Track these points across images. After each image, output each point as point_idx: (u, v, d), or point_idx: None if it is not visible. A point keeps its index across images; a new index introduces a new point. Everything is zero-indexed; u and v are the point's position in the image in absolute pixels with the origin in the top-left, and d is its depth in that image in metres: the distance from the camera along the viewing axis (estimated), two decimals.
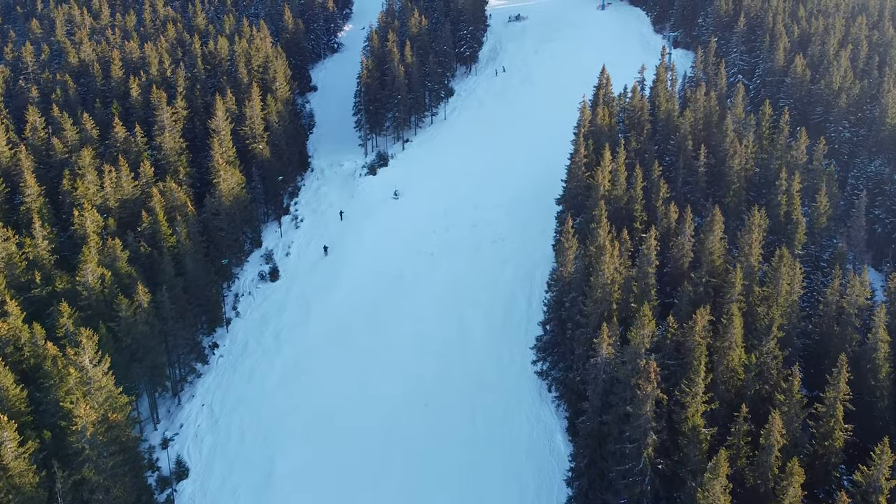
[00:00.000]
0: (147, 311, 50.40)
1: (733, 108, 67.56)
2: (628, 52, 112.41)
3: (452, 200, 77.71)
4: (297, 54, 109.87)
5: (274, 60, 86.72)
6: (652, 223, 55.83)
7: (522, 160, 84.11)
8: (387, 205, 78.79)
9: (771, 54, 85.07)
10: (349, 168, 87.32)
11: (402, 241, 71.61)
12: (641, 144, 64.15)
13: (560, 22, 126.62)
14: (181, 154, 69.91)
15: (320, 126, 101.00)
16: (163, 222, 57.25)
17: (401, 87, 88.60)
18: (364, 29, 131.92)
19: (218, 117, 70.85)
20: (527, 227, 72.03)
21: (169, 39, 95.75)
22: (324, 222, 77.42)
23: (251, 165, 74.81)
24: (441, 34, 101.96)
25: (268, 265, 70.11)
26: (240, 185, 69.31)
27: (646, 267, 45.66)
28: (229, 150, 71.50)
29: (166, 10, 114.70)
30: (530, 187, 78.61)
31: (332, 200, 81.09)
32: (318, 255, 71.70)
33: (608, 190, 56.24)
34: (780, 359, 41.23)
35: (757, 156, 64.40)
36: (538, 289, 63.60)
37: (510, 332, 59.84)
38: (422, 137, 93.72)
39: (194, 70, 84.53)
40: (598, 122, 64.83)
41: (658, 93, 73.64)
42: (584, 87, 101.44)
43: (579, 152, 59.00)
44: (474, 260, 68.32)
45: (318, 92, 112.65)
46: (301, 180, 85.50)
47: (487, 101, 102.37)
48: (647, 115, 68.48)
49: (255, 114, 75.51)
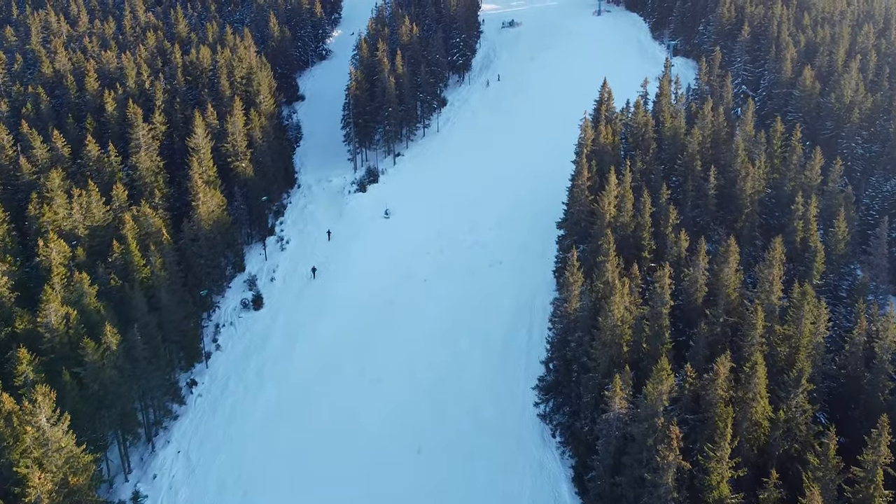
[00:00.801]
0: (116, 354, 46.22)
1: (742, 124, 64.02)
2: (626, 60, 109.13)
3: (446, 220, 73.88)
4: (283, 62, 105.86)
5: (258, 71, 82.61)
6: (661, 252, 52.25)
7: (518, 175, 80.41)
8: (377, 224, 74.85)
9: (777, 65, 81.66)
10: (338, 184, 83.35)
11: (394, 265, 67.71)
12: (647, 164, 60.51)
13: (555, 28, 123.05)
14: (158, 174, 65.75)
15: (308, 138, 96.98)
16: (135, 252, 53.10)
17: (391, 99, 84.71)
18: (353, 34, 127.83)
19: (197, 135, 66.72)
20: (525, 250, 68.27)
21: (149, 48, 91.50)
22: (311, 243, 73.39)
23: (233, 185, 70.68)
24: (433, 42, 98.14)
25: (251, 292, 66.05)
26: (221, 206, 65.23)
27: (659, 307, 41.94)
28: (210, 169, 67.39)
29: (147, 17, 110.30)
30: (527, 205, 74.92)
31: (319, 219, 77.07)
32: (304, 280, 67.67)
33: (614, 216, 52.54)
34: (809, 413, 37.61)
35: (768, 176, 60.91)
36: (538, 318, 59.87)
37: (509, 366, 56.04)
38: (413, 151, 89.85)
39: (174, 82, 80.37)
40: (602, 142, 61.14)
41: (662, 107, 70.10)
42: (581, 97, 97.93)
43: (582, 175, 55.28)
44: (470, 286, 64.46)
45: (305, 101, 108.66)
46: (287, 198, 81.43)
47: (481, 113, 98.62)
48: (652, 132, 64.85)
49: (237, 130, 71.41)
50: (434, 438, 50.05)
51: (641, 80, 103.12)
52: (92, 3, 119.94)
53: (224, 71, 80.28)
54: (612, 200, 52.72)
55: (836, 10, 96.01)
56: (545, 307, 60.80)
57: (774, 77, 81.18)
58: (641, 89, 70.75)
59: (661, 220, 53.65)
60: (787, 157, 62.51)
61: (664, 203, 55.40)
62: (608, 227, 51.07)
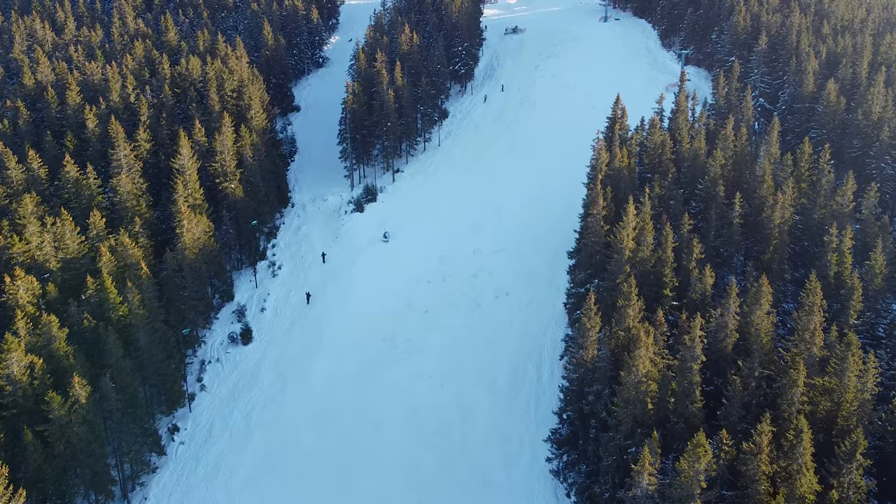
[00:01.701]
0: (86, 408, 41.90)
1: (767, 145, 59.60)
2: (635, 69, 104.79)
3: (448, 244, 69.44)
4: (278, 72, 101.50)
5: (249, 84, 78.20)
6: (684, 289, 47.85)
7: (523, 193, 76.09)
8: (375, 248, 70.39)
9: (798, 77, 77.21)
10: (334, 203, 78.89)
11: (393, 294, 63.28)
12: (665, 190, 56.08)
13: (560, 35, 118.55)
14: (140, 197, 61.39)
15: (303, 152, 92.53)
16: (111, 289, 48.66)
17: (390, 113, 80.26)
18: (351, 41, 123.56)
19: (182, 155, 62.29)
20: (533, 278, 63.85)
21: (136, 58, 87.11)
22: (304, 269, 68.93)
23: (221, 207, 66.27)
24: (434, 51, 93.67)
25: (240, 323, 61.64)
26: (207, 233, 60.83)
27: (689, 362, 37.56)
28: (196, 191, 63.00)
29: (136, 24, 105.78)
30: (534, 226, 70.55)
31: (314, 242, 72.62)
32: (296, 310, 63.22)
33: (633, 250, 48.12)
34: (864, 490, 33.24)
35: (795, 201, 56.47)
36: (548, 356, 55.56)
37: (518, 411, 51.64)
38: (414, 167, 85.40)
39: (161, 95, 75.98)
40: (617, 165, 56.70)
41: (679, 125, 65.65)
42: (589, 108, 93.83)
43: (597, 203, 50.85)
44: (475, 319, 60.08)
45: (301, 112, 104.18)
46: (280, 218, 76.97)
47: (484, 125, 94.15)
48: (670, 153, 60.44)
49: (226, 149, 66.98)
50: (437, 496, 45.66)
51: (652, 90, 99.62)
52: (80, 8, 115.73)
53: (213, 84, 75.90)
54: (630, 233, 48.30)
55: (857, 18, 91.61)
56: (555, 343, 56.54)
57: (795, 91, 76.72)
58: (657, 105, 66.24)
59: (682, 253, 49.27)
60: (816, 180, 58.11)
61: (686, 233, 51.05)
62: (627, 264, 46.70)
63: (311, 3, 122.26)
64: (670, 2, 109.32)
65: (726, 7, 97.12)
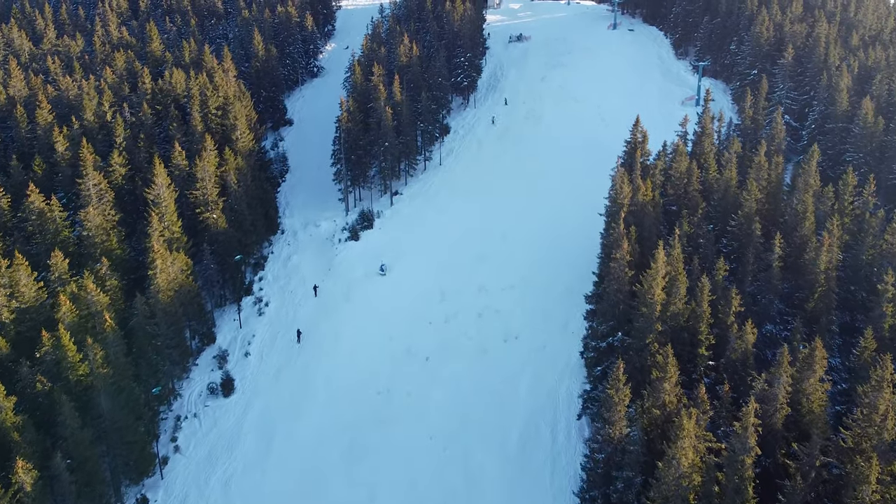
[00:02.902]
0: (32, 496, 36.03)
1: (805, 174, 53.70)
2: (648, 80, 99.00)
3: (451, 278, 63.51)
4: (269, 83, 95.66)
5: (235, 102, 72.19)
6: (721, 347, 42.03)
7: (532, 219, 70.22)
8: (371, 283, 64.43)
9: (830, 94, 71.33)
10: (327, 230, 72.94)
11: (390, 338, 57.36)
12: (695, 227, 50.22)
13: (567, 43, 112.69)
14: (111, 231, 55.49)
15: (295, 171, 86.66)
16: (68, 346, 42.75)
17: (388, 131, 74.31)
18: (348, 48, 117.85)
19: (158, 185, 56.34)
20: (545, 319, 57.97)
21: (117, 70, 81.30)
22: (294, 305, 63.03)
23: (202, 240, 60.40)
24: (435, 63, 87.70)
25: (220, 371, 55.76)
26: (185, 270, 54.91)
27: (741, 455, 31.70)
28: (174, 224, 57.08)
29: (120, 33, 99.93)
30: (545, 259, 64.66)
31: (305, 274, 66.68)
32: (284, 356, 57.32)
33: (663, 301, 42.23)
34: None
35: (840, 240, 50.58)
36: (564, 414, 49.72)
37: (531, 479, 45.71)
38: (413, 188, 79.47)
39: (139, 114, 70.07)
40: (640, 200, 50.80)
41: (705, 150, 59.88)
42: (598, 123, 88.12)
43: (622, 247, 44.89)
44: (481, 367, 54.16)
45: (293, 126, 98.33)
46: (268, 247, 71.01)
47: (488, 142, 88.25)
48: (697, 184, 54.59)
49: (207, 175, 61.00)
50: None
51: (666, 103, 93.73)
52: (62, 15, 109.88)
53: (196, 101, 69.94)
54: (660, 282, 42.38)
55: (887, 28, 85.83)
56: (571, 398, 50.73)
57: (827, 109, 70.87)
58: (680, 128, 60.35)
59: (719, 304, 43.41)
60: (860, 215, 52.30)
61: (721, 280, 45.21)
62: (658, 322, 40.84)
63: (306, 9, 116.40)
64: (684, 9, 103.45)
65: (746, 16, 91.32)
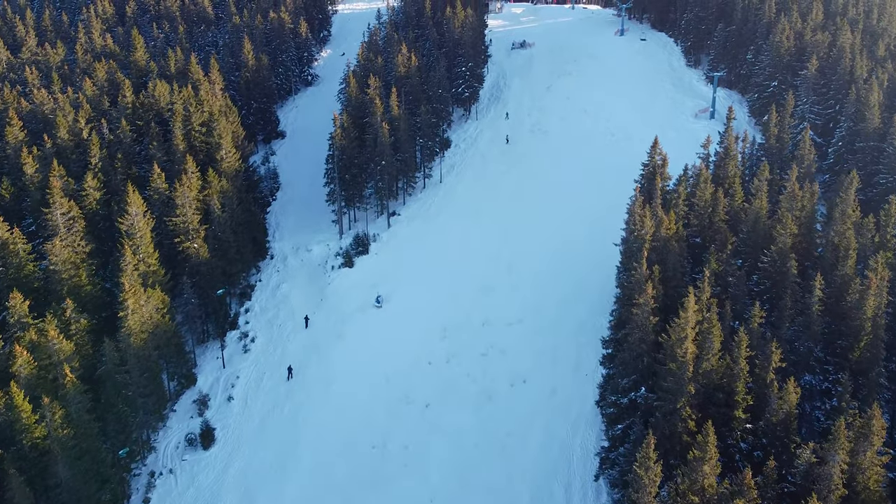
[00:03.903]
0: None
1: (842, 203, 48.80)
2: (659, 91, 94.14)
3: (453, 312, 58.59)
4: (260, 94, 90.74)
5: (220, 118, 67.24)
6: (760, 408, 37.18)
7: (539, 245, 65.32)
8: (366, 316, 59.49)
9: (859, 111, 66.39)
10: (319, 254, 68.02)
11: (386, 381, 52.47)
12: (723, 265, 45.31)
13: (573, 50, 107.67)
14: (81, 265, 50.61)
15: (287, 188, 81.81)
16: (22, 406, 37.91)
17: (385, 149, 69.33)
18: (344, 55, 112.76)
19: (131, 214, 51.41)
20: (555, 359, 53.08)
21: (98, 82, 76.39)
22: (282, 341, 58.17)
23: (182, 272, 55.53)
24: (435, 73, 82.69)
25: (200, 419, 50.85)
26: (162, 309, 50.03)
27: None
28: (149, 256, 52.19)
29: (104, 41, 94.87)
30: (554, 291, 59.79)
31: (294, 306, 61.79)
32: (270, 401, 52.43)
33: (695, 355, 37.31)
34: None
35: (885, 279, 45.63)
36: (579, 473, 44.81)
37: None
38: (412, 209, 74.54)
39: (118, 131, 65.19)
40: (663, 234, 45.85)
41: (729, 173, 55.00)
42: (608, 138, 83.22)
43: (645, 291, 39.95)
44: (486, 416, 49.25)
45: (286, 139, 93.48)
46: (256, 274, 66.05)
47: (492, 157, 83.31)
48: (723, 214, 49.68)
49: (187, 201, 56.07)
50: None
51: (678, 115, 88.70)
52: (45, 21, 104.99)
53: (179, 118, 65.02)
54: (690, 333, 37.46)
55: None
56: (587, 453, 45.90)
57: (856, 126, 65.95)
58: (702, 150, 55.44)
59: (756, 358, 38.51)
60: None
61: (757, 328, 40.31)
62: (691, 383, 35.94)
63: (300, 14, 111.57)
64: (696, 15, 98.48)
65: (763, 23, 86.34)
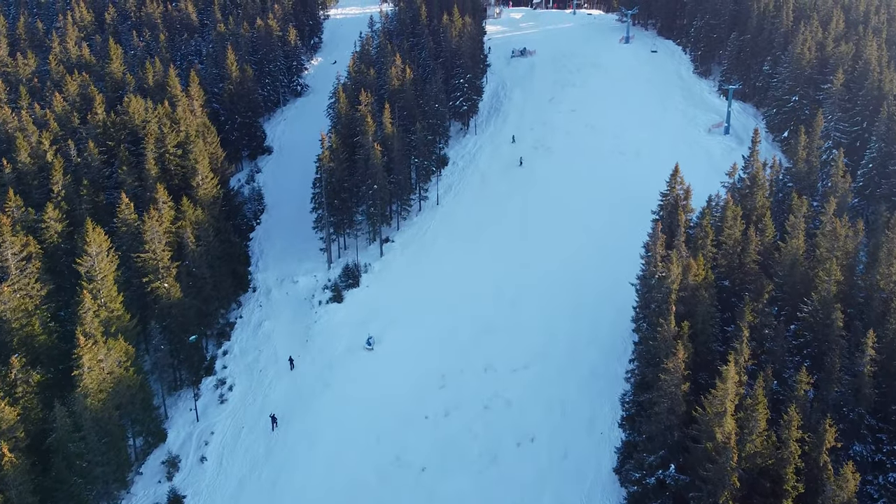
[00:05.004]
0: None
1: (888, 243, 43.43)
2: (669, 104, 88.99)
3: (452, 355, 53.13)
4: (245, 108, 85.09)
5: (197, 140, 61.62)
6: (811, 496, 31.82)
7: (546, 278, 60.15)
8: (356, 360, 53.99)
9: (892, 130, 61.19)
10: (306, 287, 62.53)
11: (377, 440, 46.88)
12: (759, 317, 39.90)
13: (576, 59, 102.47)
14: (34, 312, 44.99)
15: (272, 210, 76.28)
16: None
17: (377, 172, 63.74)
18: (336, 63, 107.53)
19: (90, 255, 45.77)
20: (566, 414, 47.61)
21: (69, 97, 70.94)
22: (263, 388, 52.68)
23: (150, 316, 49.96)
24: (432, 86, 77.18)
25: (169, 483, 45.31)
26: (125, 362, 44.41)
27: None
28: (112, 301, 46.53)
29: (80, 51, 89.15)
30: (564, 330, 54.49)
31: (277, 347, 56.35)
32: (248, 461, 46.76)
33: (736, 434, 31.91)
34: None
35: None
36: None
37: None
38: (406, 234, 69.07)
39: (85, 154, 59.69)
40: (691, 282, 40.43)
41: (757, 204, 49.62)
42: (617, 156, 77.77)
43: (676, 355, 34.54)
44: (490, 483, 43.58)
45: (273, 156, 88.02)
46: (236, 309, 60.56)
47: (492, 176, 77.91)
48: (755, 255, 44.27)
49: (156, 236, 50.43)
50: None
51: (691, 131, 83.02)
52: (18, 29, 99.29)
53: (152, 139, 59.48)
54: (730, 407, 32.06)
55: None
56: None
57: (889, 147, 60.72)
58: (728, 179, 50.10)
59: (807, 436, 33.16)
60: None
61: (803, 396, 34.94)
62: (734, 473, 30.53)
63: (289, 21, 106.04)
64: (707, 23, 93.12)
65: (781, 32, 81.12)
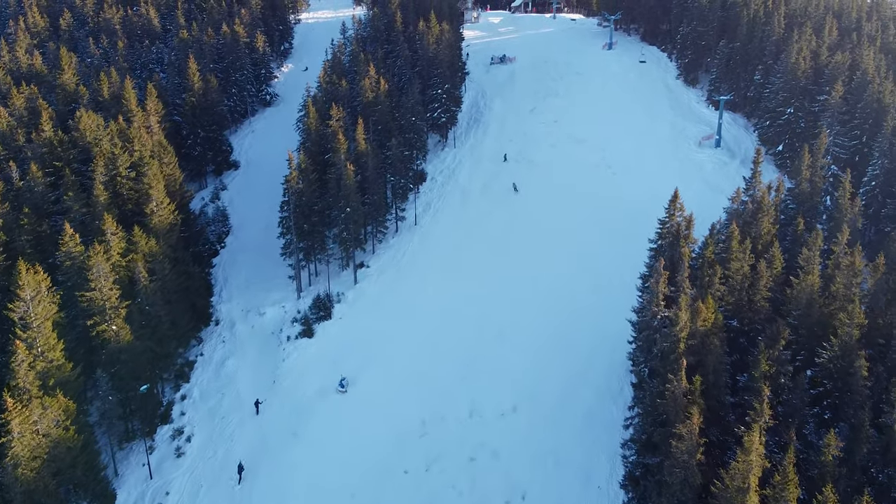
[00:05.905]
0: None
1: None
2: (656, 115, 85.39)
3: (433, 398, 48.54)
4: (208, 121, 79.97)
5: (152, 162, 56.47)
6: None
7: (535, 309, 56.18)
8: (327, 405, 49.17)
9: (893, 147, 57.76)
10: (273, 319, 57.70)
11: (350, 495, 42.15)
12: (775, 365, 35.84)
13: (558, 66, 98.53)
14: None
15: (238, 231, 71.35)
16: None
17: (350, 193, 58.99)
18: (307, 70, 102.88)
19: (24, 300, 40.51)
20: (559, 465, 43.28)
21: (15, 111, 65.43)
22: (226, 438, 47.73)
23: (97, 362, 44.82)
24: (408, 99, 72.48)
25: None
26: (64, 421, 39.25)
27: None
28: (51, 350, 41.31)
29: (32, 60, 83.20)
30: (555, 367, 50.26)
31: (241, 389, 51.48)
32: None
33: None
34: None
35: None
36: None
37: None
38: (382, 258, 64.47)
39: (28, 177, 54.36)
40: (700, 328, 36.28)
41: (762, 231, 45.66)
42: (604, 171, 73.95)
43: (691, 417, 30.31)
44: None
45: (240, 171, 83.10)
46: (197, 346, 55.58)
47: (473, 192, 73.67)
48: (766, 292, 40.29)
49: (102, 273, 45.23)
50: None
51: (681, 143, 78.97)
52: None
53: (102, 161, 54.29)
54: (753, 482, 27.87)
55: None
56: None
57: (893, 164, 57.21)
58: (732, 205, 46.11)
59: None
60: None
61: (831, 463, 30.92)
62: None
63: (257, 27, 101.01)
64: (695, 29, 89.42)
65: (773, 41, 77.61)
